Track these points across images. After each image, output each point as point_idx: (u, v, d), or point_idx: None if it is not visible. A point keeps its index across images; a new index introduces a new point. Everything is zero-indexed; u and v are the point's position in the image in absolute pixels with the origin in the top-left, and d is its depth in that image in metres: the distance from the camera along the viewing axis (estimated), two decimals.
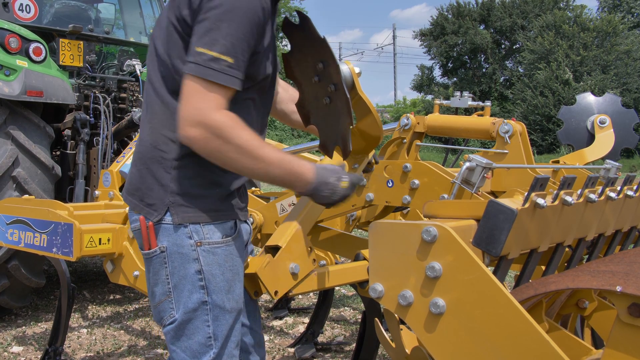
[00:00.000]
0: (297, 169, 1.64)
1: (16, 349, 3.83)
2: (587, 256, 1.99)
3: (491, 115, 3.19)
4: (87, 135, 4.68)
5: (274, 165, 1.59)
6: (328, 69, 1.67)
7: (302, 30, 1.66)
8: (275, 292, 1.81)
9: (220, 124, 1.50)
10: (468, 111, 3.67)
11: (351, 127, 1.75)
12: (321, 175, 1.67)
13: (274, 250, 1.82)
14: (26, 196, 3.59)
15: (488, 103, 3.29)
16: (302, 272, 1.85)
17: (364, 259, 2.21)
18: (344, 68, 1.81)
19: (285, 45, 32.06)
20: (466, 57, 35.02)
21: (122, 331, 4.16)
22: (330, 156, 1.90)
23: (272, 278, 1.79)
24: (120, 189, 4.02)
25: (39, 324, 4.33)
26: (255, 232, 2.67)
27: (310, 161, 1.76)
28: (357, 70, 1.87)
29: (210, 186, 1.65)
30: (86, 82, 5.01)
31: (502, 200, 1.31)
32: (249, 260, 1.85)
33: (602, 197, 1.71)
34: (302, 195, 1.75)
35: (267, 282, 1.78)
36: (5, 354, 3.74)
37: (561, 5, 32.75)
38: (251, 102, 1.70)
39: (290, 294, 1.88)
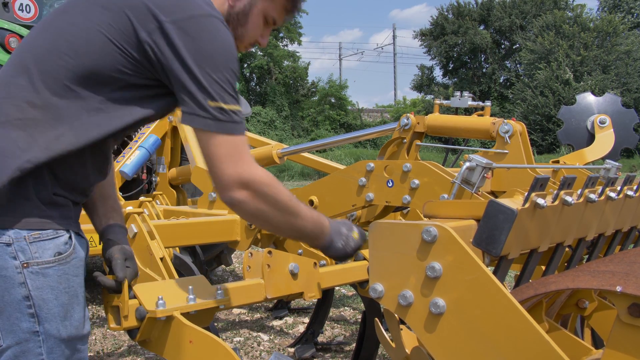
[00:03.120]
0: (322, 221, 1.61)
1: None
2: (587, 256, 1.99)
3: (491, 115, 3.19)
4: None
5: (307, 220, 1.56)
6: None
7: None
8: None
9: (264, 181, 1.45)
10: (468, 111, 3.67)
11: None
12: (334, 225, 1.65)
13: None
14: None
15: (488, 103, 3.29)
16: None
17: (364, 259, 2.21)
18: None
19: (285, 46, 31.90)
20: (466, 57, 35.05)
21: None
22: None
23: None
24: (120, 189, 4.02)
25: None
26: (255, 232, 2.67)
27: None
28: None
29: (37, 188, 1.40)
30: None
31: (502, 200, 1.31)
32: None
33: (602, 197, 1.71)
34: (317, 248, 1.68)
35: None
36: None
37: (561, 5, 32.77)
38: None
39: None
